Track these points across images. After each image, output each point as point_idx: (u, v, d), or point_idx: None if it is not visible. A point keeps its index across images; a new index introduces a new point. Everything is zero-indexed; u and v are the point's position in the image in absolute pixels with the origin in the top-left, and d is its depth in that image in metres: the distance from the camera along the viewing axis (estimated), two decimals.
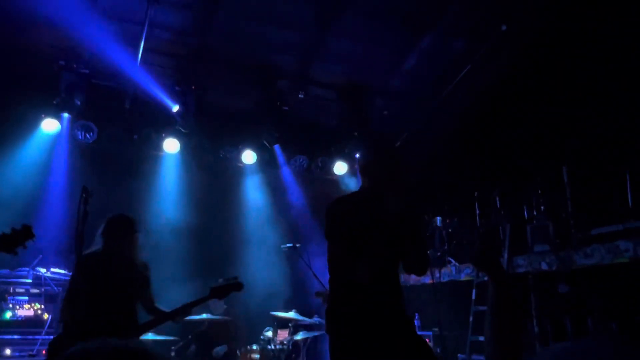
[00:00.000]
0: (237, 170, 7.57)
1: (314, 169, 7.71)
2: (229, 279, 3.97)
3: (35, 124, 6.22)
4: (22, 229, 3.23)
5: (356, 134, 7.40)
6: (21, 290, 5.49)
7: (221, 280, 3.99)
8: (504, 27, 5.82)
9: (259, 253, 7.20)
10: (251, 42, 6.35)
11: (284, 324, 5.97)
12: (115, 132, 6.63)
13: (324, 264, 2.99)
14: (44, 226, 5.85)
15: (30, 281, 5.50)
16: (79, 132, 6.38)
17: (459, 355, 5.91)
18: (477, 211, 6.07)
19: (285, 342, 5.77)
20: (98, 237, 3.74)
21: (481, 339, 5.43)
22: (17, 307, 5.43)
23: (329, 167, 7.71)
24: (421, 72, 6.80)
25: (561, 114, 5.45)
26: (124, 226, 3.79)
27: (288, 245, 6.29)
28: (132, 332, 3.64)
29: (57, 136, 6.34)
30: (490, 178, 6.09)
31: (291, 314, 5.75)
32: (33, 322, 5.41)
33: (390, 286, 2.74)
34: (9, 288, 5.43)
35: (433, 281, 4.96)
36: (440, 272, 6.04)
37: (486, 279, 5.06)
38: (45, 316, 5.49)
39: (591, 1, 5.14)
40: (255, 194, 7.60)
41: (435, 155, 7.05)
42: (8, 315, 5.33)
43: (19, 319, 5.38)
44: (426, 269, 2.85)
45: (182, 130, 6.77)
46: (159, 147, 6.92)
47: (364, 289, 2.62)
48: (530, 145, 5.82)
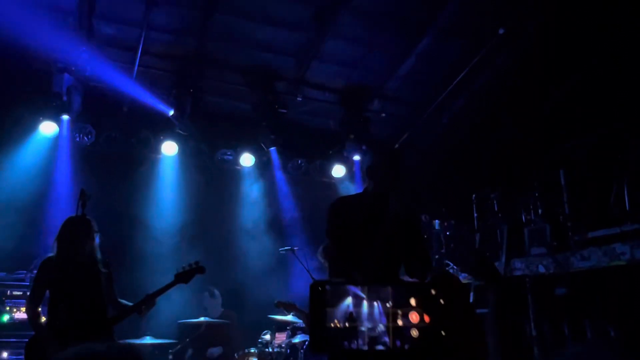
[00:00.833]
0: (235, 173, 7.57)
1: (312, 171, 7.72)
2: (191, 264, 4.05)
3: (33, 127, 6.21)
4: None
5: (352, 136, 7.41)
6: (18, 293, 5.48)
7: (185, 266, 4.04)
8: (501, 31, 5.85)
9: (257, 256, 7.20)
10: (249, 45, 6.36)
11: (282, 327, 5.96)
12: (113, 135, 6.63)
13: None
14: (41, 229, 5.85)
15: (28, 284, 5.48)
16: (77, 135, 6.38)
17: None
18: (475, 214, 6.07)
19: (283, 345, 5.76)
20: (54, 242, 3.75)
21: None
22: (14, 309, 5.42)
23: (327, 170, 7.72)
24: (419, 74, 6.82)
25: (558, 117, 5.47)
26: (79, 229, 3.78)
27: (286, 248, 6.29)
28: (100, 328, 3.65)
29: (55, 139, 6.34)
30: (488, 181, 6.10)
31: (289, 317, 5.74)
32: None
33: None
34: (6, 291, 5.42)
35: None
36: None
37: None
38: (43, 319, 5.47)
39: (588, 3, 5.16)
40: (253, 196, 7.60)
41: (433, 157, 7.07)
42: (5, 319, 5.32)
43: (16, 321, 5.36)
44: (428, 273, 2.87)
45: (180, 132, 6.77)
46: (156, 149, 6.93)
47: None
48: (528, 148, 5.83)
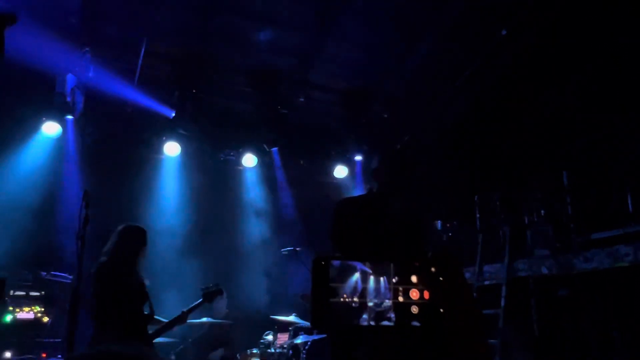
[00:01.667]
0: (238, 173, 7.58)
1: (314, 172, 7.72)
2: (212, 285, 4.46)
3: (36, 127, 6.23)
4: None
5: (354, 137, 7.42)
6: (21, 293, 5.48)
7: (211, 285, 4.43)
8: (504, 32, 5.84)
9: (260, 257, 7.21)
10: (251, 46, 6.36)
11: (284, 327, 5.96)
12: (116, 136, 6.64)
13: None
14: (45, 229, 5.86)
15: (31, 284, 5.49)
16: (81, 135, 6.39)
17: None
18: (478, 215, 6.07)
19: (285, 346, 5.76)
20: (110, 247, 3.79)
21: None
22: (17, 310, 5.42)
23: (329, 171, 7.72)
24: (421, 75, 6.82)
25: (561, 118, 5.46)
26: (136, 237, 3.87)
27: (288, 248, 6.29)
28: (144, 342, 3.74)
29: (59, 139, 6.36)
30: (491, 182, 6.10)
31: (291, 318, 5.74)
32: (33, 325, 5.40)
33: None
34: (9, 290, 5.43)
35: None
36: None
37: (487, 282, 5.04)
38: (45, 319, 5.48)
39: (590, 4, 5.15)
40: (255, 197, 7.61)
41: (436, 158, 7.06)
42: (8, 319, 5.32)
43: (19, 322, 5.37)
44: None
45: (183, 132, 6.78)
46: (159, 150, 6.94)
47: None
48: (531, 149, 5.83)
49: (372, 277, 0.68)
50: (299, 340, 5.65)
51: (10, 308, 5.39)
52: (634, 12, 4.69)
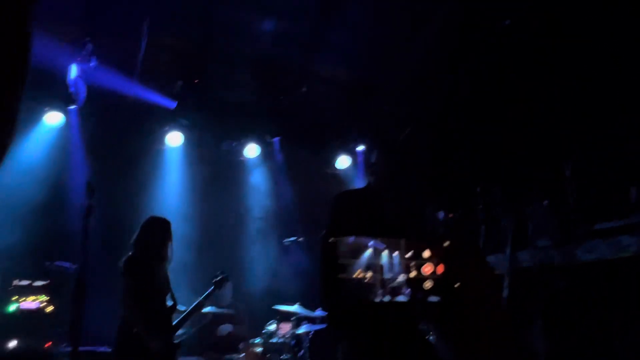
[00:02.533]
0: (240, 164, 7.58)
1: (316, 163, 7.72)
2: (220, 273, 4.63)
3: (39, 117, 6.23)
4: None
5: (357, 127, 7.41)
6: (26, 283, 5.51)
7: (218, 273, 4.61)
8: (507, 22, 5.80)
9: (262, 247, 7.23)
10: (253, 35, 6.33)
11: (286, 317, 5.99)
12: (119, 126, 6.64)
13: None
14: (48, 219, 5.88)
15: (35, 273, 5.52)
16: (84, 125, 6.39)
17: None
18: (480, 206, 6.06)
19: (287, 336, 5.80)
20: (136, 239, 3.84)
21: None
22: (21, 299, 5.45)
23: (331, 161, 7.72)
24: (424, 64, 6.79)
25: (565, 108, 5.44)
26: (163, 229, 3.94)
27: (291, 239, 6.31)
28: (171, 332, 3.81)
29: (61, 129, 6.35)
30: (493, 173, 6.09)
31: (294, 308, 5.77)
32: (37, 315, 5.43)
33: None
34: (13, 280, 5.46)
35: None
36: None
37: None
38: (50, 308, 5.51)
39: None
40: (257, 187, 7.62)
41: (438, 149, 7.05)
42: (12, 308, 5.36)
43: (23, 311, 5.40)
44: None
45: (185, 123, 6.78)
46: (161, 140, 6.94)
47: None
48: (534, 139, 5.81)
49: (385, 253, 0.68)
50: (301, 330, 5.68)
51: (15, 298, 5.42)
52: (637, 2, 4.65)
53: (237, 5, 5.94)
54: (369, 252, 0.66)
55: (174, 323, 4.00)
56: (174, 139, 6.89)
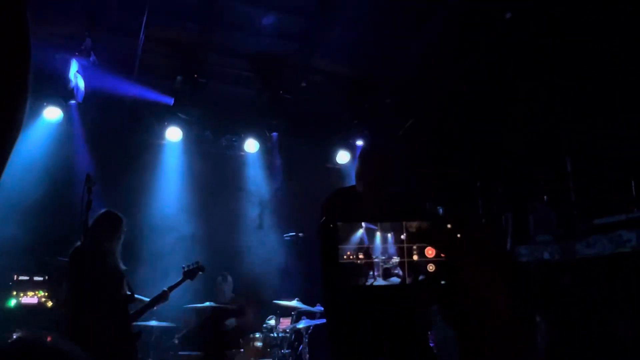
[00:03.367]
0: (240, 159, 7.57)
1: (316, 157, 7.71)
2: (194, 263, 4.68)
3: (38, 112, 6.21)
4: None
5: (356, 122, 7.40)
6: (25, 278, 5.52)
7: (190, 265, 4.64)
8: (508, 15, 5.77)
9: (262, 242, 7.23)
10: (253, 30, 6.30)
11: (286, 312, 6.00)
12: (118, 121, 6.63)
13: None
14: (47, 214, 5.87)
15: (35, 269, 5.53)
16: (83, 121, 6.38)
17: None
18: (480, 201, 6.06)
19: (287, 330, 5.80)
20: (88, 232, 3.82)
21: None
22: (21, 294, 5.46)
23: (331, 156, 7.71)
24: (424, 60, 6.76)
25: (566, 103, 5.43)
26: (113, 225, 3.94)
27: (291, 234, 6.31)
28: (126, 321, 3.79)
29: (60, 124, 6.34)
30: (494, 167, 6.08)
31: (294, 303, 5.77)
32: (37, 309, 5.44)
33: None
34: (13, 276, 5.47)
35: None
36: None
37: None
38: (49, 303, 5.53)
39: None
40: (257, 182, 7.61)
41: (438, 144, 7.04)
42: (12, 303, 5.37)
43: (23, 306, 5.41)
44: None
45: (184, 118, 6.76)
46: (161, 135, 6.93)
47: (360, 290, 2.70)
48: (534, 135, 5.80)
49: (378, 234, 0.67)
50: (301, 325, 5.69)
51: (14, 293, 5.43)
52: None
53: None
54: (360, 233, 0.64)
55: (132, 312, 4.03)
56: (173, 134, 6.88)
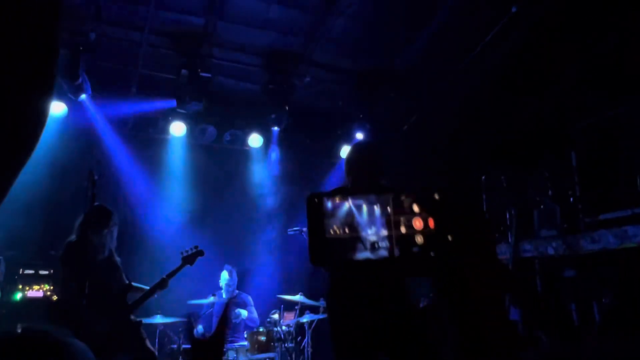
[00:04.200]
0: (243, 153, 7.57)
1: (320, 152, 7.70)
2: (192, 248, 4.59)
3: None
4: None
5: (361, 116, 7.38)
6: (31, 272, 5.55)
7: (188, 250, 4.56)
8: (514, 9, 5.73)
9: (265, 237, 7.24)
10: (257, 24, 6.28)
11: (290, 306, 6.01)
12: (122, 116, 6.63)
13: None
14: (50, 208, 5.90)
15: (41, 262, 5.56)
16: (89, 115, 6.39)
17: None
18: (484, 195, 6.04)
19: (291, 325, 5.82)
20: (77, 228, 3.84)
21: None
22: (27, 288, 5.49)
23: (334, 151, 7.70)
24: (429, 54, 6.73)
25: (570, 97, 5.40)
26: (103, 217, 3.94)
27: (294, 229, 6.30)
28: (125, 311, 3.81)
29: (63, 119, 6.35)
30: (498, 162, 6.06)
31: (297, 297, 5.79)
32: (42, 303, 5.47)
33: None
34: (19, 269, 5.50)
35: None
36: None
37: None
38: (54, 297, 5.56)
39: None
40: (260, 177, 7.61)
41: (443, 138, 7.01)
42: (18, 297, 5.40)
43: (29, 300, 5.44)
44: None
45: (188, 113, 6.76)
46: (164, 130, 6.93)
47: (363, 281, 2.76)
48: (539, 129, 5.77)
49: (365, 207, 0.66)
50: (304, 319, 5.70)
51: (20, 286, 5.46)
52: None
53: None
54: (346, 207, 0.64)
55: (132, 302, 4.02)
56: (177, 128, 6.88)
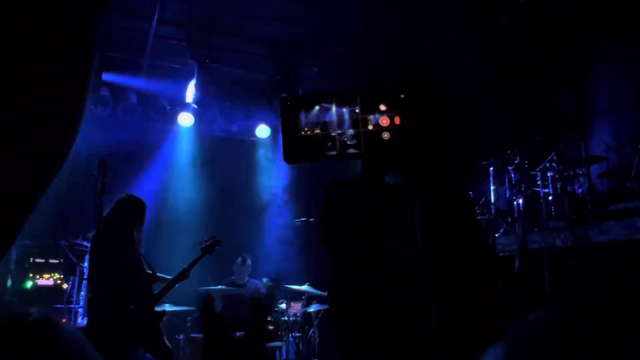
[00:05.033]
0: (251, 144, 7.58)
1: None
2: (210, 238, 4.61)
3: None
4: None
5: None
6: (41, 261, 5.61)
7: (207, 239, 4.58)
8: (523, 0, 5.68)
9: (273, 227, 7.26)
10: (265, 14, 6.26)
11: (297, 296, 6.04)
12: (130, 106, 6.66)
13: None
14: (62, 198, 5.95)
15: (51, 251, 5.61)
16: (95, 106, 6.41)
17: None
18: (492, 186, 6.03)
19: (298, 314, 5.85)
20: (107, 216, 3.84)
21: None
22: (37, 276, 5.56)
23: None
24: (438, 43, 6.68)
25: (580, 89, 5.36)
26: (135, 209, 3.94)
27: (302, 219, 6.32)
28: (151, 302, 3.84)
29: None
30: (507, 153, 6.03)
31: (304, 287, 5.82)
32: (53, 292, 5.54)
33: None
34: (29, 258, 5.56)
35: None
36: None
37: (500, 254, 5.05)
38: (65, 286, 5.62)
39: None
40: (268, 168, 7.63)
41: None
42: (29, 285, 5.47)
43: (40, 288, 5.50)
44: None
45: (195, 102, 6.78)
46: (172, 120, 6.96)
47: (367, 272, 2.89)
48: (548, 119, 5.74)
49: (333, 108, 0.67)
50: (311, 309, 5.74)
51: (31, 275, 5.52)
52: None
53: None
54: (316, 109, 0.64)
55: (156, 291, 4.04)
56: (185, 119, 6.90)
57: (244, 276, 6.26)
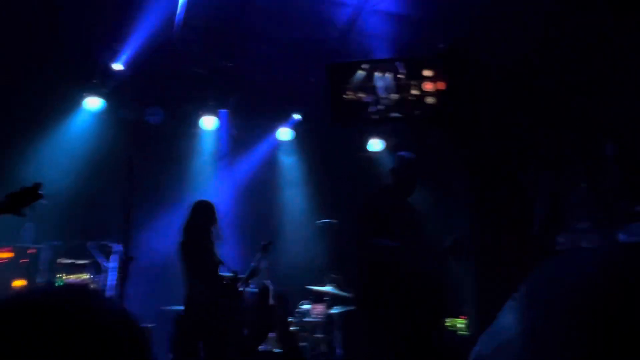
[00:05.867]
0: (274, 146, 7.65)
1: (350, 145, 7.68)
2: (265, 240, 4.91)
3: (78, 102, 6.40)
4: (31, 187, 2.90)
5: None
6: (69, 261, 5.73)
7: (263, 241, 4.89)
8: None
9: (296, 228, 7.30)
10: (290, 17, 6.28)
11: (320, 297, 6.05)
12: (154, 110, 6.75)
13: None
14: (89, 200, 6.09)
15: (78, 252, 5.73)
16: (122, 110, 6.54)
17: None
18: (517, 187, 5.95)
19: (321, 316, 5.86)
20: (185, 224, 4.22)
21: None
22: (64, 276, 5.67)
23: (363, 144, 7.68)
24: (459, 45, 6.64)
25: (606, 87, 5.27)
26: (207, 212, 4.36)
27: (324, 221, 6.35)
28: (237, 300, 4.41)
29: (100, 114, 6.53)
30: (532, 152, 5.95)
31: (327, 288, 5.83)
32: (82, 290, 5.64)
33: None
34: (58, 258, 5.68)
35: None
36: None
37: None
38: (92, 286, 5.72)
39: None
40: (291, 170, 7.68)
41: (474, 131, 6.92)
42: (59, 284, 5.58)
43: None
44: None
45: (218, 107, 6.86)
46: (196, 124, 7.05)
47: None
48: (574, 118, 5.65)
49: (376, 74, 0.68)
50: (334, 311, 5.74)
51: (58, 275, 5.65)
52: None
53: None
54: (359, 74, 0.65)
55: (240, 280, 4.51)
56: (209, 122, 6.99)
57: (262, 266, 6.28)
